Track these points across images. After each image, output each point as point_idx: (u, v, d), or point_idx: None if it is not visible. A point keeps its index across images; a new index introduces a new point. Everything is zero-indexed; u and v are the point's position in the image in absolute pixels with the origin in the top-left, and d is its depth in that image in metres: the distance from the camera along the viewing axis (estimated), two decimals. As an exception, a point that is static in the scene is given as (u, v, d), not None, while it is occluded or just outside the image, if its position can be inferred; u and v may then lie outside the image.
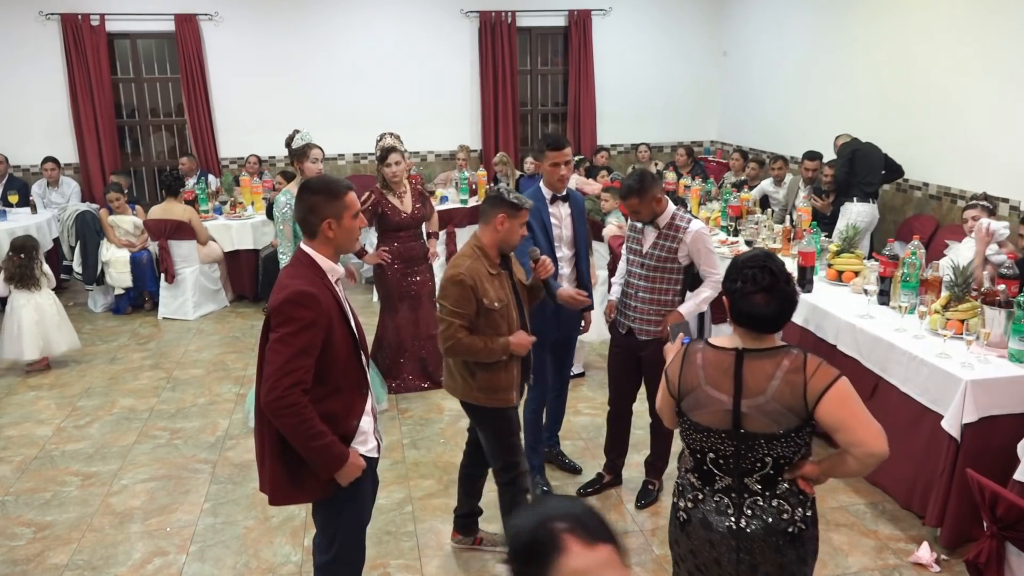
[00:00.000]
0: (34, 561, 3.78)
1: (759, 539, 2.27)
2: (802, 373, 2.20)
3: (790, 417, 2.20)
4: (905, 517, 3.97)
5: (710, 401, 2.28)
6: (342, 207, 2.60)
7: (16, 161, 8.94)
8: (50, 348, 6.13)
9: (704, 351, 2.34)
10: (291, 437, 2.51)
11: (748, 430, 2.23)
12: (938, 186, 6.70)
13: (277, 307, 2.51)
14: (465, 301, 3.18)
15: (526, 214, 3.30)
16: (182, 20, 9.15)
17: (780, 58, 9.05)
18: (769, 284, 2.20)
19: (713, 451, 2.31)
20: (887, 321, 4.23)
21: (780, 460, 2.25)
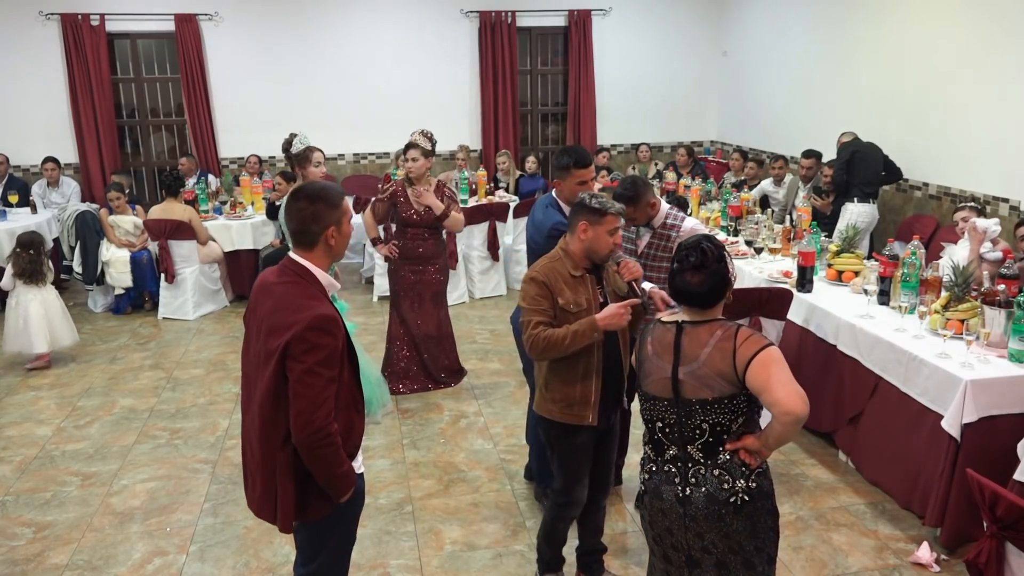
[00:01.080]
0: (34, 561, 3.78)
1: (701, 507, 2.41)
2: (732, 341, 2.36)
3: (722, 383, 2.35)
4: (905, 517, 3.97)
5: (654, 370, 2.48)
6: (341, 213, 2.50)
7: (16, 161, 8.94)
8: (57, 341, 6.20)
9: (656, 327, 2.53)
10: (320, 467, 2.39)
11: (685, 396, 2.40)
12: (938, 186, 6.70)
13: (301, 334, 2.30)
14: (540, 298, 3.04)
15: (614, 219, 3.03)
16: (182, 20, 9.15)
17: (780, 58, 9.05)
18: (699, 262, 2.40)
19: (660, 419, 2.49)
20: (887, 321, 4.24)
21: (717, 427, 2.39)
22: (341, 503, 2.51)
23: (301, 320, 2.32)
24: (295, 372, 2.32)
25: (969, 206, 5.11)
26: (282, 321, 2.36)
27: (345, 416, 2.47)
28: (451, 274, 7.52)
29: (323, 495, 2.47)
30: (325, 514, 2.51)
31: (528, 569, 3.66)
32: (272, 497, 2.47)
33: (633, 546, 3.79)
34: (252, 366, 2.49)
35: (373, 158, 9.93)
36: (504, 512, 4.12)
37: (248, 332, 2.57)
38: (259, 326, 2.44)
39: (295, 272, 2.46)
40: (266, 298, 2.46)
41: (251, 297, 2.57)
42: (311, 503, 2.48)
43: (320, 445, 2.34)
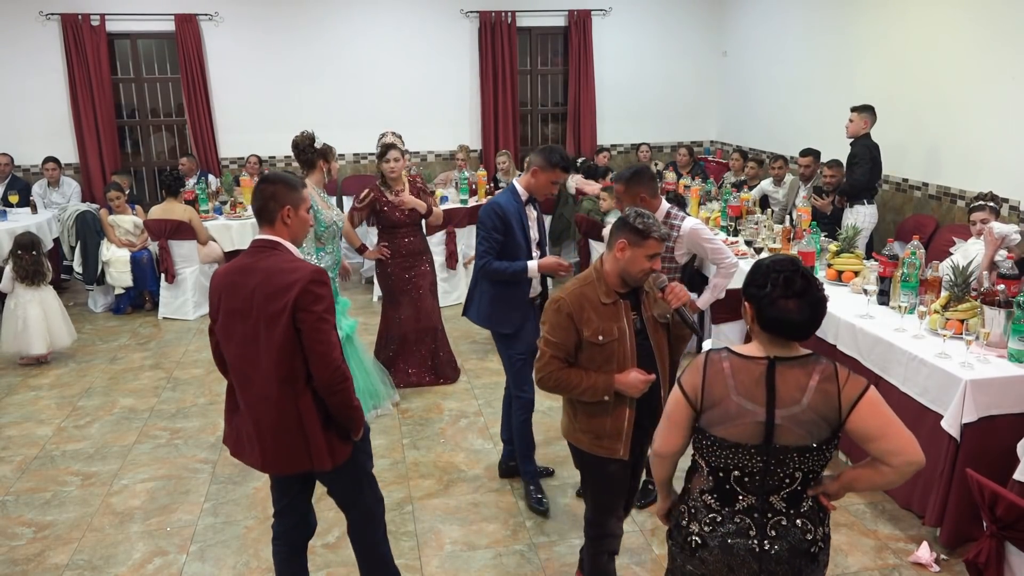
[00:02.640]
0: (34, 561, 3.78)
1: (784, 561, 2.17)
2: (835, 382, 2.12)
3: (823, 427, 2.12)
4: (905, 517, 3.98)
5: (741, 413, 2.14)
6: (299, 198, 2.75)
7: (17, 161, 8.94)
8: (56, 342, 6.23)
9: (731, 359, 2.19)
10: (341, 405, 2.68)
11: (781, 443, 2.12)
12: (938, 186, 6.70)
13: (306, 287, 2.56)
14: (561, 330, 2.81)
15: (656, 245, 2.80)
16: (182, 20, 9.15)
17: (780, 58, 9.05)
18: (802, 289, 2.11)
19: (739, 468, 2.18)
20: (887, 321, 4.24)
21: (809, 475, 2.17)
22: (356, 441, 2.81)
23: (302, 277, 2.57)
24: (308, 322, 2.56)
25: (989, 206, 4.91)
26: (280, 283, 2.58)
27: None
28: (451, 274, 7.55)
29: (342, 437, 2.76)
30: (347, 455, 2.79)
31: (528, 568, 3.66)
32: (304, 446, 2.70)
33: (633, 546, 3.79)
34: (247, 340, 2.66)
35: (373, 158, 9.92)
36: (504, 512, 4.12)
37: (226, 316, 2.71)
38: (248, 300, 2.63)
39: (268, 246, 2.70)
40: (247, 277, 2.65)
41: (222, 284, 2.73)
42: (336, 447, 2.75)
43: (340, 381, 2.63)
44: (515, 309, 4.06)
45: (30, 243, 6.15)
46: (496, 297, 4.06)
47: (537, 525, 4.00)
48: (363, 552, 3.14)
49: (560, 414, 3.09)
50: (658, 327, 2.94)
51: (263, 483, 4.45)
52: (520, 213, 4.01)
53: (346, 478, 2.93)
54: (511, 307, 4.05)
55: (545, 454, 4.66)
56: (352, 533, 3.12)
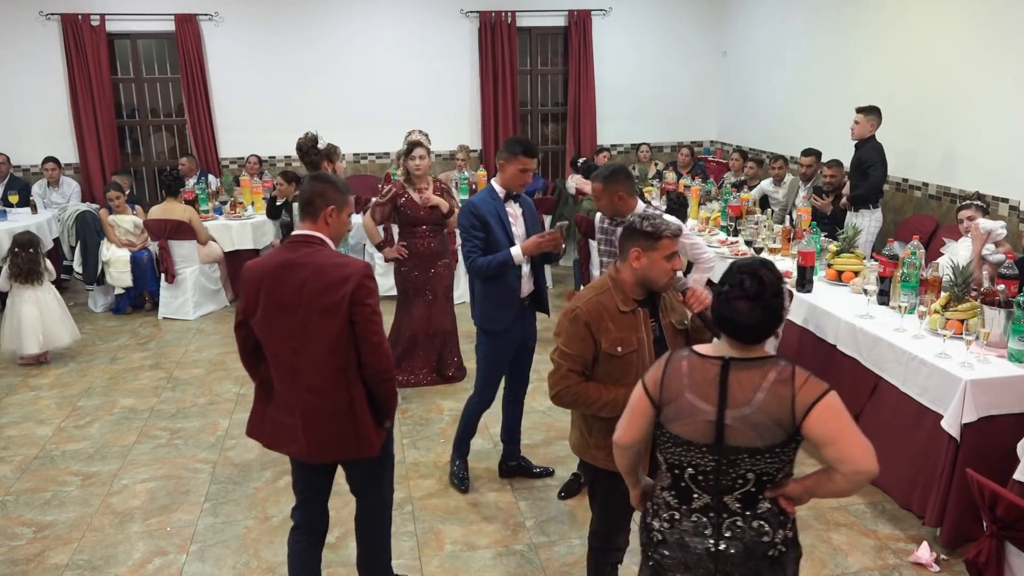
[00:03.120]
0: (34, 561, 3.78)
1: (738, 563, 2.15)
2: (790, 385, 2.08)
3: (776, 431, 2.08)
4: (905, 517, 3.98)
5: (693, 411, 2.15)
6: (344, 202, 2.84)
7: (16, 161, 8.95)
8: (52, 342, 6.22)
9: (689, 358, 2.20)
10: (388, 394, 2.86)
11: (731, 443, 2.11)
12: (938, 186, 6.70)
13: (361, 282, 2.69)
14: (578, 341, 2.70)
15: (670, 243, 2.70)
16: (182, 20, 9.15)
17: (780, 58, 9.05)
18: (755, 292, 2.10)
19: (692, 466, 2.18)
20: (887, 321, 4.24)
21: (763, 477, 2.14)
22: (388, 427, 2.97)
23: (356, 272, 2.71)
24: (364, 315, 2.70)
25: (975, 205, 5.00)
26: (335, 277, 2.70)
27: None
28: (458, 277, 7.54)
29: (379, 424, 2.89)
30: (383, 440, 2.94)
31: (528, 569, 3.66)
32: (353, 433, 2.83)
33: (634, 546, 3.78)
34: (296, 332, 2.74)
35: (373, 158, 9.93)
36: (504, 512, 4.12)
37: (271, 309, 2.76)
38: (298, 294, 2.71)
39: (311, 242, 2.78)
40: (294, 271, 2.73)
41: (263, 278, 2.77)
42: (376, 434, 2.88)
43: (390, 370, 2.81)
44: (505, 309, 4.04)
45: (27, 242, 6.14)
46: (487, 295, 4.06)
47: (537, 525, 4.00)
48: (367, 540, 3.20)
49: (560, 412, 3.08)
50: (677, 334, 2.85)
51: (263, 483, 4.46)
52: (498, 210, 3.99)
53: (376, 464, 3.03)
54: (502, 304, 4.04)
55: (545, 454, 4.66)
56: (361, 519, 3.17)
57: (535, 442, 4.84)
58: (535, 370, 4.23)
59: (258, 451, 4.82)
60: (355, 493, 3.13)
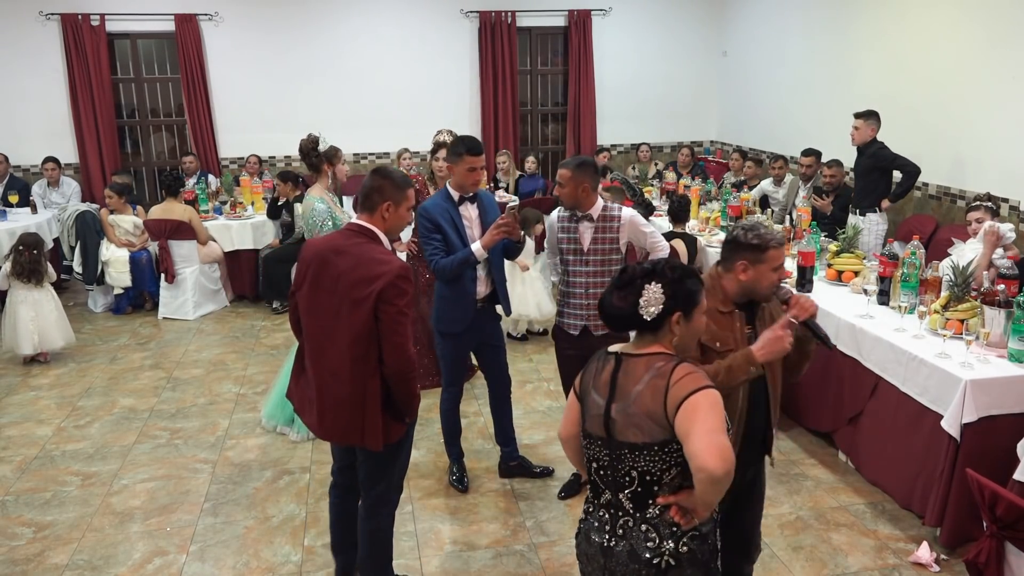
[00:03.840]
0: (34, 561, 3.78)
1: (622, 562, 2.16)
2: (666, 379, 2.06)
3: (652, 426, 2.07)
4: (905, 517, 3.97)
5: (593, 405, 2.21)
6: (403, 196, 2.96)
7: (16, 161, 8.94)
8: (46, 343, 6.22)
9: (601, 355, 2.28)
10: (407, 390, 2.90)
11: (615, 437, 2.14)
12: (938, 186, 6.70)
13: (392, 281, 2.76)
14: None
15: (777, 254, 2.66)
16: (182, 20, 9.15)
17: (780, 58, 9.05)
18: (624, 281, 2.17)
19: (595, 460, 2.24)
20: (887, 321, 4.24)
21: (646, 476, 2.12)
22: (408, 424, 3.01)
23: (390, 271, 2.77)
24: (389, 314, 2.77)
25: (985, 206, 4.92)
26: (369, 273, 2.79)
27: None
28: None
29: (397, 419, 2.95)
30: (400, 435, 3.01)
31: (528, 569, 3.66)
32: (360, 423, 2.89)
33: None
34: (328, 315, 2.88)
35: (373, 158, 9.93)
36: (504, 512, 4.12)
37: (312, 287, 2.92)
38: (336, 280, 2.85)
39: (363, 233, 2.92)
40: (339, 257, 2.87)
41: (314, 257, 2.94)
42: (391, 427, 2.95)
43: (411, 371, 2.87)
44: (459, 311, 4.05)
45: (33, 242, 6.17)
46: (443, 296, 4.08)
47: (537, 525, 4.00)
48: (365, 534, 3.23)
49: (560, 413, 3.07)
50: None
51: (263, 483, 4.46)
52: (450, 213, 3.97)
53: (384, 458, 3.06)
54: (457, 307, 4.05)
55: (545, 454, 4.66)
56: (362, 511, 3.20)
57: (535, 442, 4.84)
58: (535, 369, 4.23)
59: (258, 451, 4.82)
60: (360, 482, 3.16)
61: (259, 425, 5.14)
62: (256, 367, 6.18)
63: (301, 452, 4.80)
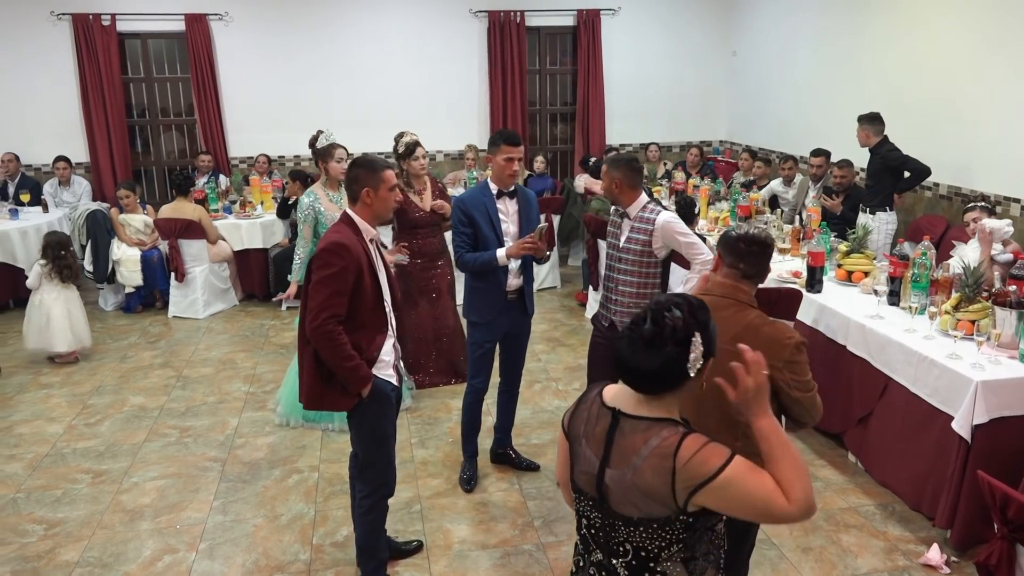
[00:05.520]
0: (45, 558, 3.80)
1: None
2: (671, 459, 1.78)
3: (651, 504, 1.82)
4: (915, 518, 3.96)
5: (584, 460, 1.95)
6: (379, 180, 3.16)
7: (28, 160, 8.99)
8: (80, 340, 6.33)
9: (594, 402, 1.99)
10: (327, 358, 3.07)
11: (610, 505, 1.89)
12: (948, 186, 6.66)
13: (317, 254, 3.05)
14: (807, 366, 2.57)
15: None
16: (192, 20, 9.18)
17: (790, 57, 9.02)
18: (652, 337, 1.81)
19: (585, 517, 1.99)
20: (897, 322, 4.22)
21: (641, 552, 1.88)
22: (362, 400, 3.16)
23: (322, 245, 3.07)
24: (312, 282, 3.06)
25: (980, 206, 5.01)
26: (318, 248, 3.11)
27: (369, 332, 3.16)
28: (457, 274, 7.55)
29: (345, 392, 3.14)
30: (344, 407, 3.21)
31: (536, 569, 3.66)
32: (305, 382, 3.20)
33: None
34: None
35: (382, 158, 9.92)
36: (513, 511, 4.12)
37: None
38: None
39: (342, 219, 3.21)
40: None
41: None
42: (332, 396, 3.17)
43: (321, 338, 3.03)
44: (489, 302, 4.11)
45: (68, 241, 6.33)
46: (474, 288, 4.15)
47: (546, 525, 4.00)
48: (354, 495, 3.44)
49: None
50: None
51: (272, 482, 4.47)
52: (487, 206, 4.04)
53: (351, 416, 3.28)
54: (485, 299, 4.12)
55: (553, 454, 4.66)
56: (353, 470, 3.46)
57: (544, 441, 4.85)
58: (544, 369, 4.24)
59: (267, 450, 4.84)
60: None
61: (268, 423, 5.16)
62: (265, 366, 6.20)
63: (310, 451, 4.81)
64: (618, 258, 3.96)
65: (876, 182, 6.31)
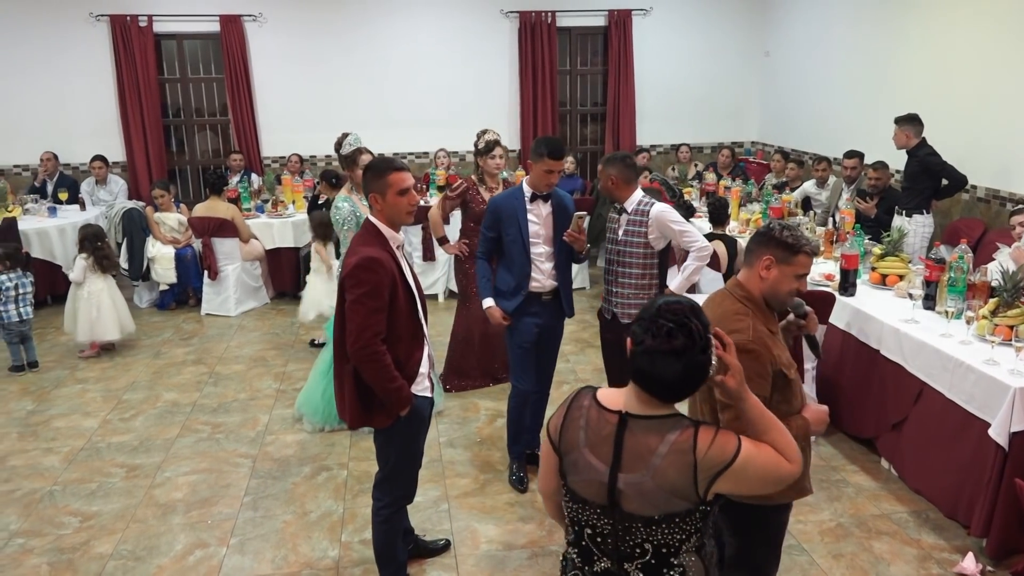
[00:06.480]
0: (80, 550, 3.87)
1: None
2: (691, 454, 1.84)
3: (673, 501, 1.86)
4: (949, 526, 3.89)
5: (588, 468, 1.94)
6: (384, 185, 3.03)
7: (66, 159, 9.16)
8: (126, 328, 6.53)
9: (589, 408, 1.98)
10: (370, 379, 2.99)
11: (625, 509, 1.90)
12: (986, 188, 6.55)
13: (350, 272, 2.95)
14: (760, 379, 2.36)
15: (807, 261, 2.49)
16: (227, 21, 9.30)
17: (824, 58, 8.91)
18: (681, 347, 1.83)
19: (590, 527, 1.98)
20: (932, 326, 4.16)
21: (663, 549, 1.91)
22: (400, 417, 3.08)
23: (351, 261, 2.96)
24: (348, 301, 2.96)
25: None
26: (343, 263, 3.07)
27: (406, 345, 3.08)
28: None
29: (384, 408, 3.06)
30: (386, 425, 3.11)
31: (563, 570, 3.65)
32: (342, 399, 3.13)
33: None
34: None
35: (412, 158, 9.99)
36: (540, 512, 4.11)
37: None
38: None
39: (366, 227, 3.11)
40: None
41: None
42: (374, 413, 3.09)
43: (366, 360, 2.94)
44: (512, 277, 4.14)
45: (103, 232, 6.50)
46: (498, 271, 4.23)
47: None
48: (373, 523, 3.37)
49: None
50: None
51: (301, 479, 4.51)
52: (517, 210, 4.06)
53: (380, 435, 3.23)
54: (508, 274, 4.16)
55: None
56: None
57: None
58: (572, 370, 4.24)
59: (296, 447, 4.88)
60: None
61: (298, 421, 5.21)
62: (295, 364, 6.25)
63: (339, 448, 4.84)
64: (617, 252, 4.09)
65: (913, 184, 6.20)
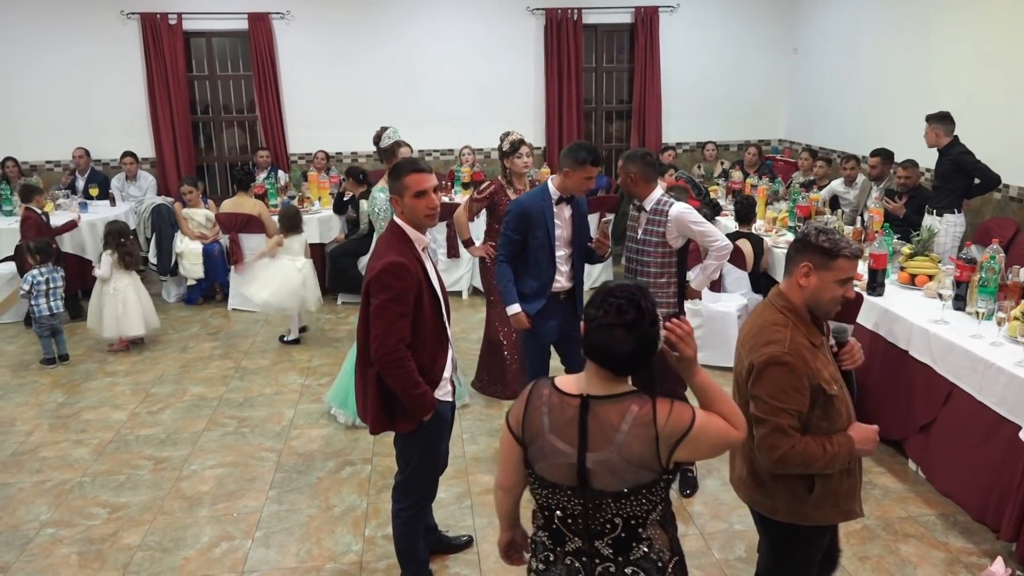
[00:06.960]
0: (108, 540, 3.92)
1: None
2: (652, 426, 1.95)
3: (640, 473, 1.96)
4: (978, 530, 3.84)
5: (555, 453, 2.03)
6: (402, 186, 2.99)
7: (97, 155, 9.30)
8: (151, 324, 6.62)
9: (550, 394, 2.07)
10: (394, 384, 2.96)
11: (595, 487, 1.99)
12: (1019, 188, 6.44)
13: (376, 276, 2.91)
14: (795, 393, 2.32)
15: (848, 265, 2.40)
16: (255, 19, 9.38)
17: (853, 55, 8.80)
18: (632, 320, 1.94)
19: (560, 509, 2.08)
20: (962, 327, 4.10)
21: (632, 521, 2.01)
22: (423, 423, 3.06)
23: (377, 265, 2.92)
24: (373, 306, 2.92)
25: None
26: (370, 266, 3.00)
27: (431, 350, 3.05)
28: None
29: (407, 413, 3.03)
30: (409, 430, 3.09)
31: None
32: (363, 404, 3.12)
33: (692, 550, 3.74)
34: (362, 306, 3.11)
35: (438, 155, 10.02)
36: (562, 510, 4.11)
37: None
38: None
39: (391, 229, 3.06)
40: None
41: None
42: (397, 419, 3.06)
43: (391, 366, 2.91)
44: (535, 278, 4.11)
45: (127, 229, 6.58)
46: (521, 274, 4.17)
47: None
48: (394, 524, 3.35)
49: None
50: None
51: (326, 474, 4.54)
52: (546, 211, 4.03)
53: (402, 439, 3.21)
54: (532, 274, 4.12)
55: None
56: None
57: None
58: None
59: (321, 442, 4.92)
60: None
61: (323, 416, 5.24)
62: (320, 359, 6.30)
63: (363, 444, 4.87)
64: (637, 250, 4.07)
65: (944, 183, 6.10)
